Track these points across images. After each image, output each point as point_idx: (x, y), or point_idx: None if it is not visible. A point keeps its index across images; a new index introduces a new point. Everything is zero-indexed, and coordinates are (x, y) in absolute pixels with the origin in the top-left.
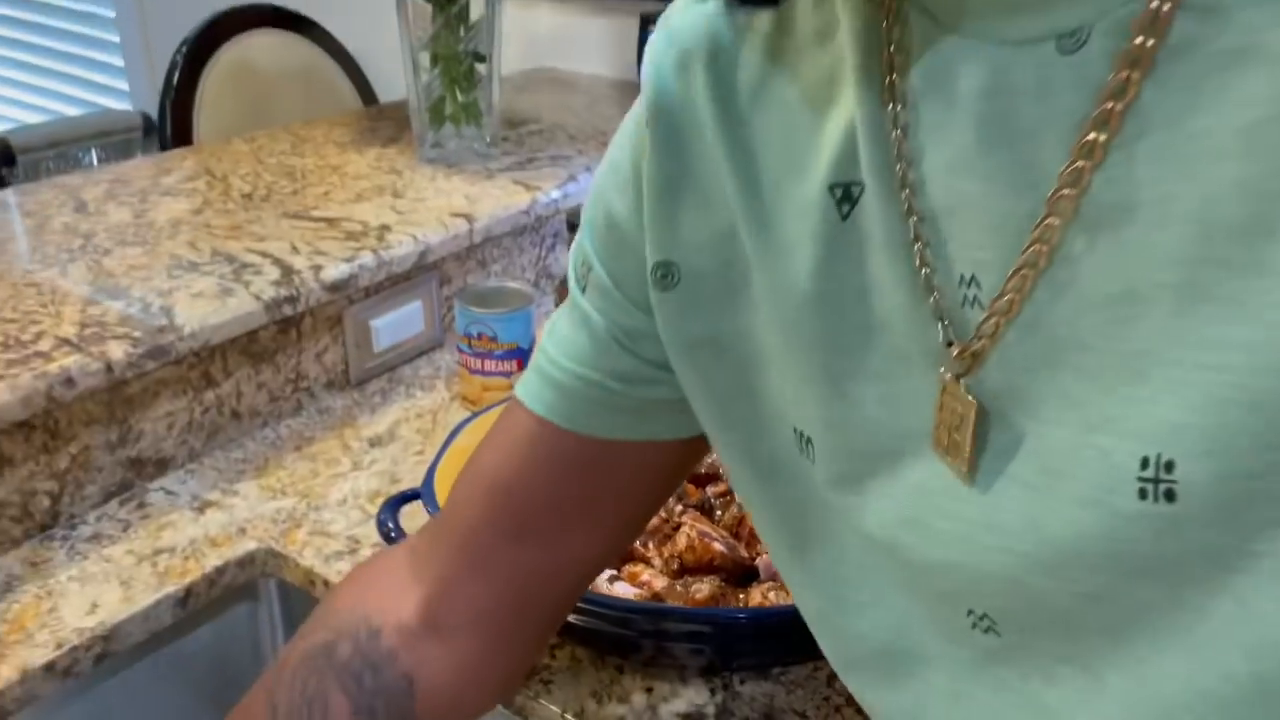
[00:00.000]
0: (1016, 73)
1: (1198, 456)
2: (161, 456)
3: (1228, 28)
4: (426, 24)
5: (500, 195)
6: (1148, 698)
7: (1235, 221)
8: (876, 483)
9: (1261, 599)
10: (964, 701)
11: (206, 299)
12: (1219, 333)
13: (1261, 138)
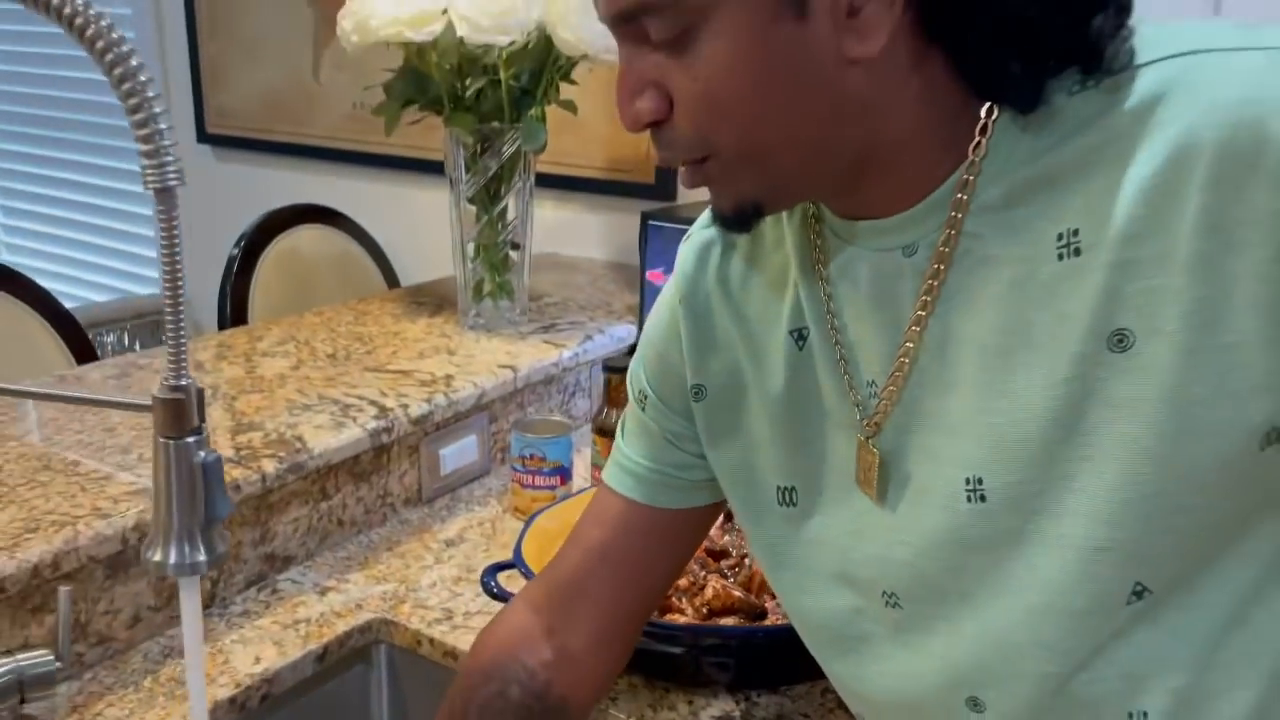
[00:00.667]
0: (885, 267)
1: (995, 473)
2: (288, 554)
3: (982, 245)
4: (472, 222)
5: (534, 352)
6: (990, 631)
7: (995, 346)
8: (830, 508)
9: (1041, 558)
10: (885, 661)
11: (325, 430)
12: (994, 403)
13: (1003, 302)
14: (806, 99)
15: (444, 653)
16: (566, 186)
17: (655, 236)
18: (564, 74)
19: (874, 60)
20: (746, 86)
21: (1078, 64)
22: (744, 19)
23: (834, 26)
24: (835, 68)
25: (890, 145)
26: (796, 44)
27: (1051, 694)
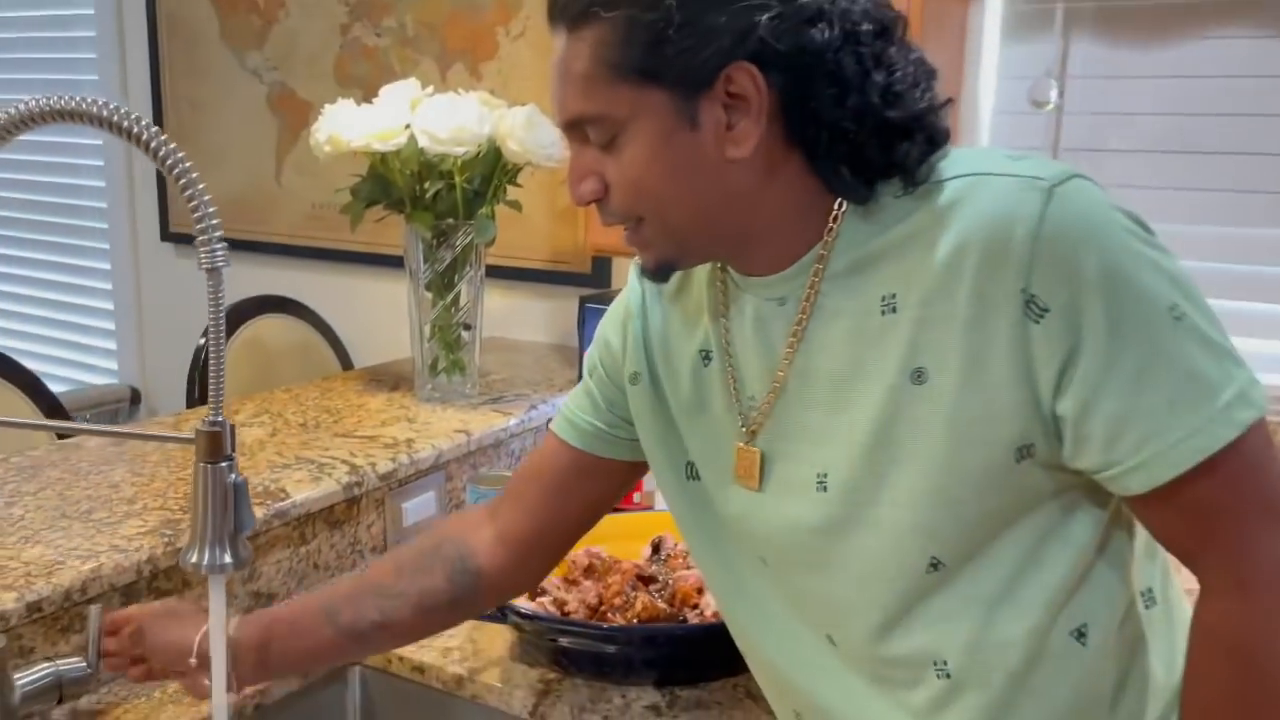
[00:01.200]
0: (764, 312)
1: (835, 471)
2: (272, 591)
3: (832, 301)
4: (429, 306)
5: (485, 420)
6: (833, 590)
7: (839, 376)
8: (725, 491)
9: (865, 537)
10: (765, 604)
11: (305, 484)
12: (837, 418)
13: (845, 344)
14: (700, 188)
15: (411, 668)
16: (512, 276)
17: (592, 318)
18: (511, 178)
19: (747, 160)
20: (657, 177)
21: (896, 176)
22: (654, 128)
23: (717, 136)
24: (719, 165)
25: (766, 223)
26: (691, 148)
27: (878, 639)
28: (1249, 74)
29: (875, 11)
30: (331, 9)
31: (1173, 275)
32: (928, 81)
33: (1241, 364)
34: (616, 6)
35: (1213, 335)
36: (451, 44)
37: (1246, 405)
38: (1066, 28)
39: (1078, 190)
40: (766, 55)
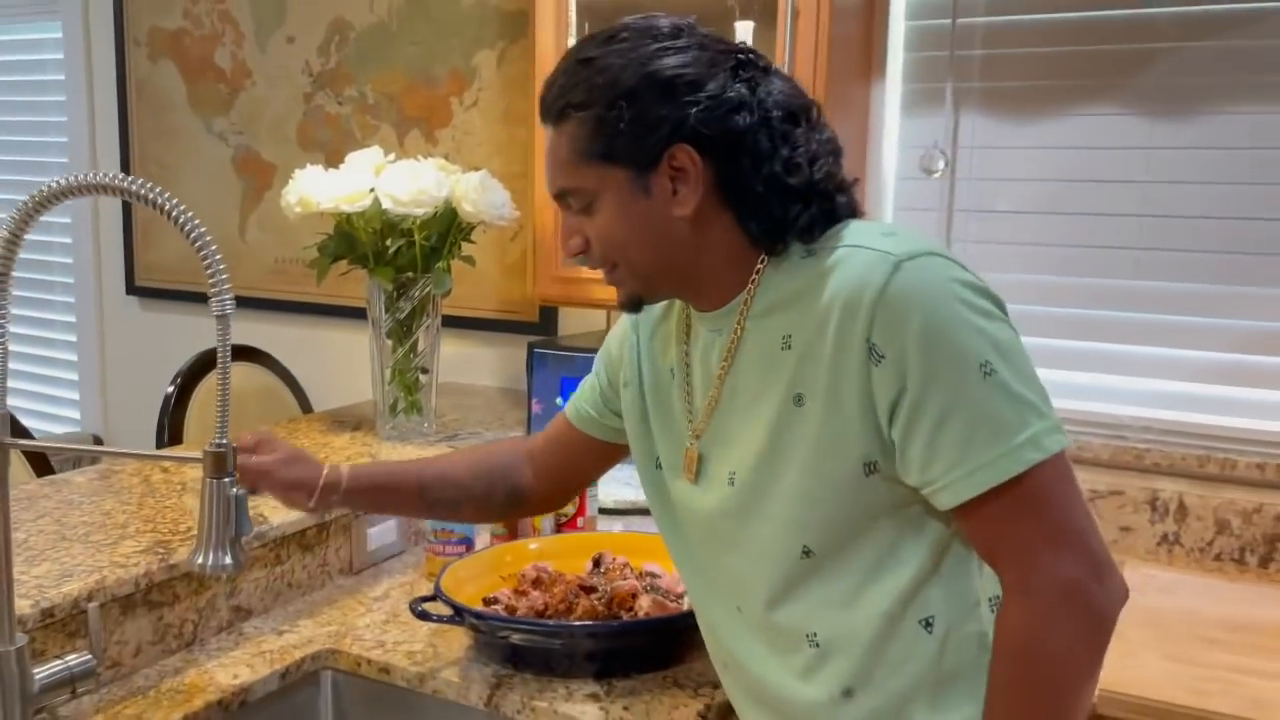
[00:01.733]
0: (707, 340)
1: (741, 469)
2: (250, 607)
3: (752, 336)
4: (389, 353)
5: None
6: (736, 567)
7: (752, 393)
8: (677, 481)
9: (759, 526)
10: (702, 574)
11: (280, 510)
12: (747, 428)
13: (758, 370)
14: (655, 241)
15: (379, 669)
16: (466, 325)
17: (540, 363)
18: (465, 235)
19: (690, 218)
20: (622, 234)
21: (794, 235)
22: (617, 198)
23: (665, 200)
24: (669, 222)
25: (707, 269)
26: (646, 211)
27: (767, 611)
28: (1110, 145)
29: (786, 100)
30: (295, 79)
31: (993, 339)
32: (830, 158)
33: (1044, 415)
34: (584, 108)
35: (1019, 390)
36: (409, 112)
37: (1035, 448)
38: (956, 104)
39: (920, 265)
40: (699, 137)
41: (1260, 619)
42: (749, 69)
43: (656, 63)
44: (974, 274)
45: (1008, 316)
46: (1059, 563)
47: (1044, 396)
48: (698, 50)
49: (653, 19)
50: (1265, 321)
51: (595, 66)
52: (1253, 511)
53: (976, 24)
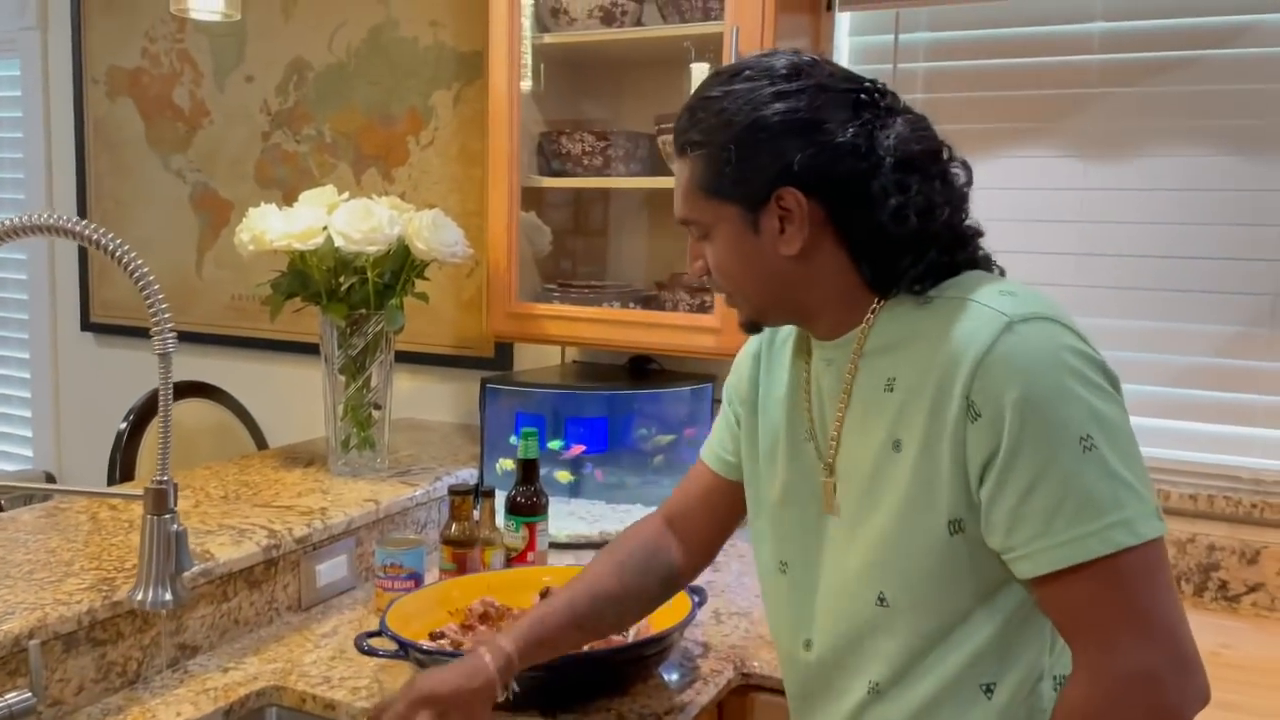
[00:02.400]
0: (828, 369)
1: (844, 500)
2: (196, 644)
3: (864, 371)
4: (342, 388)
5: (393, 490)
6: (818, 598)
7: (860, 428)
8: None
9: (848, 558)
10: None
11: (228, 546)
12: (854, 461)
13: (868, 405)
14: (763, 274)
15: (324, 706)
16: (421, 361)
17: (493, 398)
18: (419, 272)
19: (797, 256)
20: (733, 265)
21: (904, 283)
22: (729, 231)
23: (772, 238)
24: (776, 259)
25: (818, 303)
26: (755, 246)
27: (841, 652)
28: (1047, 186)
29: (904, 146)
30: (254, 117)
31: (1097, 412)
32: (947, 208)
33: (1142, 499)
34: (699, 146)
35: (1117, 468)
36: (366, 150)
37: (1127, 532)
38: None
39: (1033, 329)
40: (806, 180)
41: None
42: (869, 110)
43: (768, 107)
44: (1090, 345)
45: (1119, 394)
46: (1138, 651)
47: (1145, 480)
48: (815, 91)
49: (772, 58)
50: (1196, 356)
51: (713, 108)
52: (1186, 542)
53: (917, 69)
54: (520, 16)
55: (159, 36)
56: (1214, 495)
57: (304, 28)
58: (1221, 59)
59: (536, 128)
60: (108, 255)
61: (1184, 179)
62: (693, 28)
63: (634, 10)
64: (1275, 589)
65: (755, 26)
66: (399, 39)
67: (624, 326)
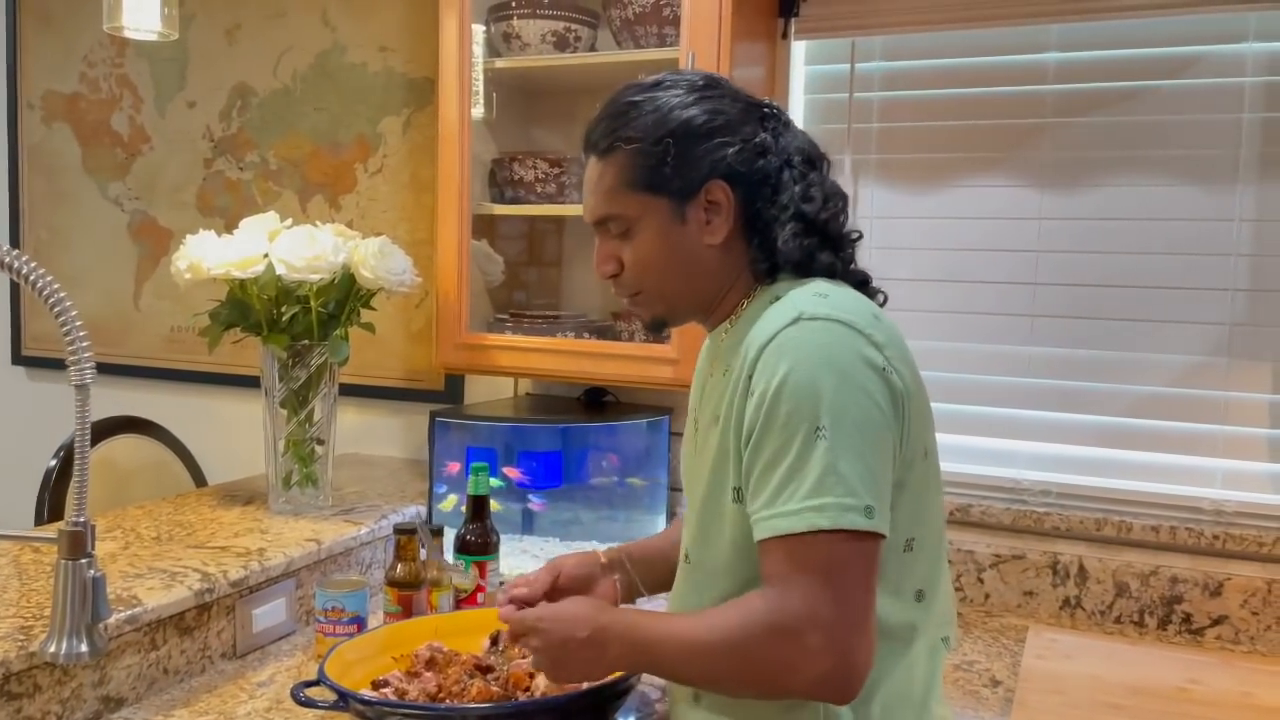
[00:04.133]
0: (706, 356)
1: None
2: (121, 696)
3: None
4: (283, 422)
5: (336, 529)
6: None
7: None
8: None
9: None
10: None
11: (157, 591)
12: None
13: (721, 382)
14: (687, 264)
15: None
16: (368, 394)
17: (443, 432)
18: (364, 302)
19: (718, 246)
20: (659, 257)
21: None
22: (656, 224)
23: (699, 229)
24: (700, 249)
25: (721, 293)
26: (681, 236)
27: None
28: (1003, 216)
29: (806, 148)
30: (195, 144)
31: (841, 409)
32: (840, 200)
33: (852, 493)
34: (632, 142)
35: (836, 461)
36: (312, 178)
37: (821, 516)
38: (855, 175)
39: (815, 325)
40: (733, 174)
41: (1160, 682)
42: (773, 120)
43: (697, 108)
44: (879, 354)
45: (893, 405)
46: (806, 614)
47: (868, 481)
48: (731, 100)
49: (687, 73)
50: (1155, 387)
51: (644, 108)
52: (1149, 574)
53: (873, 98)
54: (471, 42)
55: (98, 60)
56: (1176, 527)
57: (248, 52)
58: (1175, 89)
59: (488, 155)
60: (12, 274)
61: (1139, 209)
62: (648, 54)
63: (588, 36)
64: (1239, 621)
65: (711, 52)
66: (347, 64)
67: (578, 357)
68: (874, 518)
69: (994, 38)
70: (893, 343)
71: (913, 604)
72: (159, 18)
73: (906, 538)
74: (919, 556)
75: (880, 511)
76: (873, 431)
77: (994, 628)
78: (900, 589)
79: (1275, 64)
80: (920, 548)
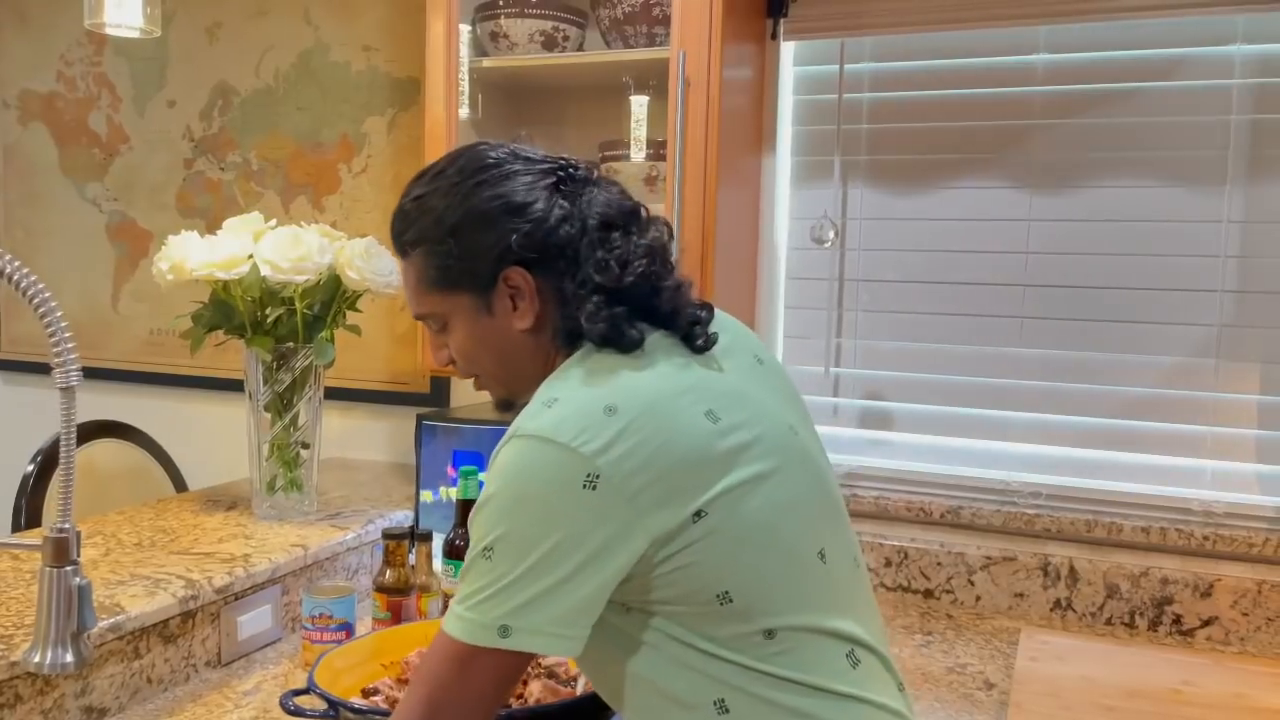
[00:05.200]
0: None
1: None
2: (104, 706)
3: None
4: (267, 426)
5: (322, 534)
6: None
7: None
8: None
9: None
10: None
11: (140, 598)
12: None
13: None
14: (506, 351)
15: None
16: (353, 397)
17: (429, 436)
18: (350, 304)
19: (531, 329)
20: (476, 349)
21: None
22: (465, 319)
23: (506, 316)
24: (514, 335)
25: (545, 369)
26: (492, 327)
27: None
28: (992, 217)
29: (604, 210)
30: (175, 144)
31: (509, 534)
32: (644, 260)
33: (488, 611)
34: (418, 244)
35: (493, 580)
36: (295, 178)
37: (456, 623)
38: (844, 176)
39: (512, 447)
40: (527, 256)
41: (1155, 683)
42: (570, 183)
43: (477, 195)
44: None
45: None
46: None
47: (510, 601)
48: (521, 175)
49: (476, 150)
50: (1144, 388)
51: (423, 205)
52: (1140, 575)
53: (862, 99)
54: (458, 41)
55: (75, 59)
56: (1166, 528)
57: (230, 51)
58: (1163, 91)
59: None
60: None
61: (1127, 210)
62: (637, 54)
63: (576, 36)
64: (1229, 622)
65: (702, 53)
66: (330, 64)
67: None
68: (507, 636)
69: (983, 39)
70: (624, 436)
71: (761, 643)
72: (141, 15)
73: (717, 592)
74: (751, 604)
75: (520, 630)
76: (543, 556)
77: (985, 630)
78: (739, 642)
79: (1263, 66)
80: (742, 599)
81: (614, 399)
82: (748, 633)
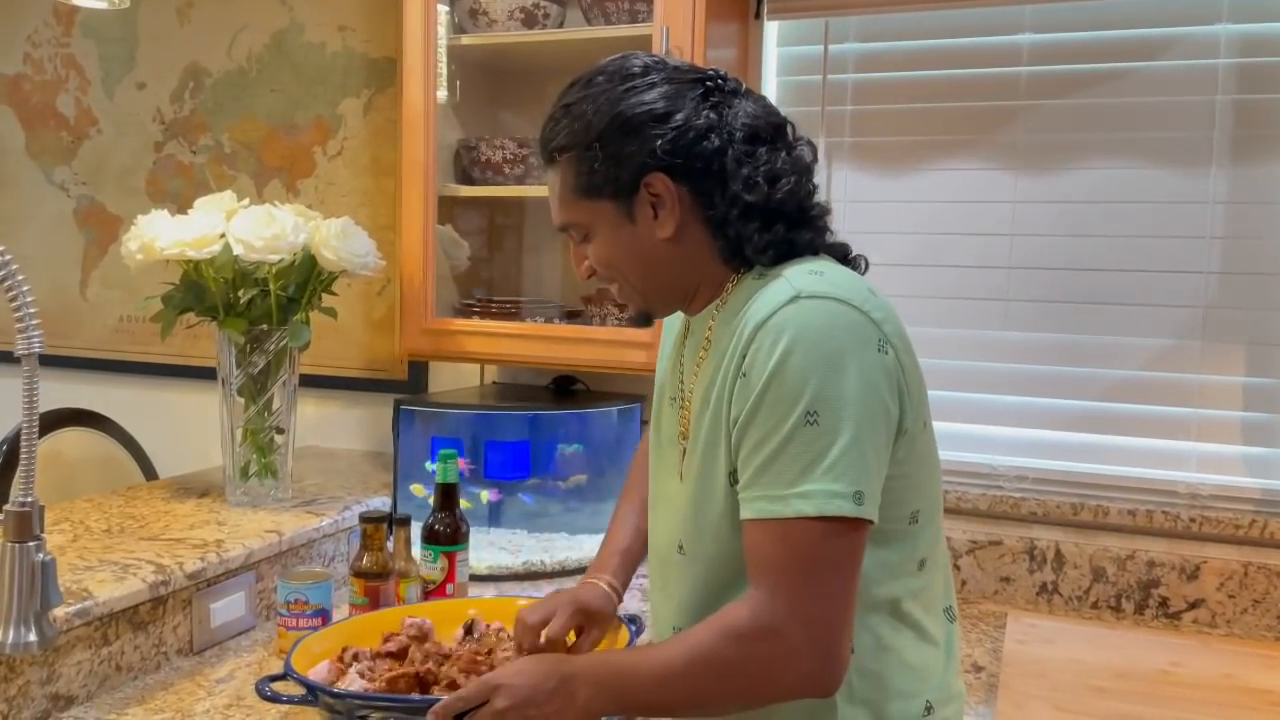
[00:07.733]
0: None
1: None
2: (71, 694)
3: (715, 344)
4: (240, 411)
5: (297, 520)
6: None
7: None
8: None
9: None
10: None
11: (109, 584)
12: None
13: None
14: (646, 261)
15: None
16: (328, 385)
17: (407, 422)
18: (326, 286)
19: (672, 238)
20: (617, 258)
21: (758, 258)
22: (607, 227)
23: (648, 225)
24: (655, 244)
25: (693, 283)
26: (633, 235)
27: (661, 605)
28: (977, 199)
29: (751, 122)
30: (145, 127)
31: (837, 394)
32: (793, 177)
33: (839, 479)
34: (565, 150)
35: (828, 448)
36: (269, 161)
37: (806, 503)
38: (828, 159)
39: (812, 305)
40: (671, 164)
41: (1145, 665)
42: (717, 94)
43: (624, 102)
44: (882, 338)
45: (889, 387)
46: (785, 610)
47: (857, 465)
48: (665, 84)
49: (627, 59)
50: (1130, 370)
51: (572, 113)
52: (1126, 558)
53: (846, 80)
54: (436, 19)
55: (43, 41)
56: (1152, 510)
57: (201, 32)
58: (1149, 71)
59: (454, 136)
60: None
61: (1113, 191)
62: (618, 30)
63: (556, 13)
64: (1216, 605)
65: (685, 31)
66: (305, 44)
67: (549, 342)
68: (862, 504)
69: (968, 19)
70: (889, 318)
71: (915, 575)
72: None
73: (911, 510)
74: (924, 528)
75: (869, 496)
76: (866, 415)
77: (972, 614)
78: (906, 563)
79: (1248, 46)
80: (924, 520)
81: (868, 285)
82: (911, 560)
